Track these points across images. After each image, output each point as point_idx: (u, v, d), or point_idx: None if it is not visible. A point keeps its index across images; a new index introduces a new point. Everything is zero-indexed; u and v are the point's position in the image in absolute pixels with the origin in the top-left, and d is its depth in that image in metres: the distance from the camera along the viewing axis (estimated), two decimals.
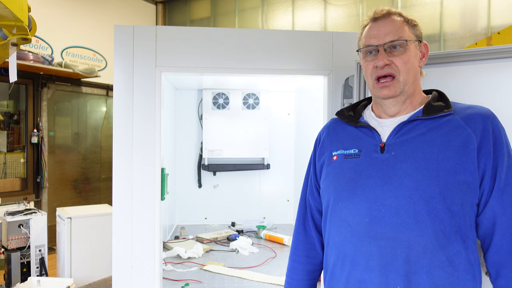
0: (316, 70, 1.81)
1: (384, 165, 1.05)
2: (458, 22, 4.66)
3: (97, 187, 6.05)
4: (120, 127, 1.72)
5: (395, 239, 1.00)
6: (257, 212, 3.06)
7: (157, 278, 1.72)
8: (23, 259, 3.34)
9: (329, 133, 1.24)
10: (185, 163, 3.05)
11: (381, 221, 1.02)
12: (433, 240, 0.98)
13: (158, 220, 1.72)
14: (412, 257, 0.98)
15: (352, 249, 1.06)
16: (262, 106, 2.99)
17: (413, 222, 0.99)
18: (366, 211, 1.04)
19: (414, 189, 1.00)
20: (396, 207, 1.01)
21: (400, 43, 1.07)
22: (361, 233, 1.04)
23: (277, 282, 1.91)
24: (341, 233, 1.09)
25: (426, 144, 1.04)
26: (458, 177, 0.99)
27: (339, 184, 1.12)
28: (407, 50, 1.08)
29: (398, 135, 1.08)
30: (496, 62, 1.29)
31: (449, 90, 1.22)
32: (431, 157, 1.02)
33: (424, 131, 1.06)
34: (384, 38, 1.08)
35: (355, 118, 1.19)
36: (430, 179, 1.00)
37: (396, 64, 1.07)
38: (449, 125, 1.05)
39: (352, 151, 1.13)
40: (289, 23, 5.85)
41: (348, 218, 1.07)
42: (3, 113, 5.01)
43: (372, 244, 1.02)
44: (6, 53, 1.58)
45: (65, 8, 5.54)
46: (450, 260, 0.98)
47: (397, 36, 1.07)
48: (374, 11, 1.12)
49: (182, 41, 1.76)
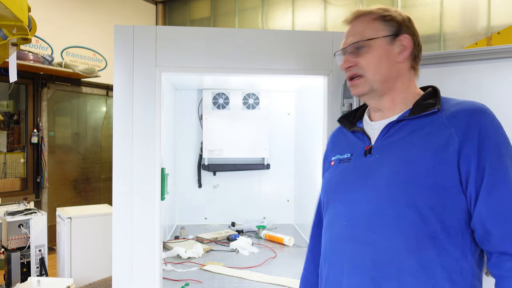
0: (316, 70, 1.81)
1: (366, 169, 1.06)
2: (458, 22, 4.66)
3: (97, 187, 6.05)
4: (120, 127, 1.72)
5: (364, 242, 1.00)
6: (257, 212, 3.06)
7: (157, 278, 1.72)
8: (23, 259, 3.34)
9: (333, 141, 1.27)
10: (185, 163, 3.05)
11: (355, 224, 1.02)
12: (401, 245, 0.94)
13: (158, 220, 1.72)
14: (380, 261, 0.96)
15: (330, 251, 1.09)
16: (262, 106, 2.99)
17: (382, 226, 0.97)
18: (345, 214, 1.05)
19: (383, 192, 0.99)
20: (367, 210, 1.01)
21: (363, 43, 1.07)
22: (339, 236, 1.06)
23: (277, 282, 1.91)
24: (326, 235, 1.13)
25: (406, 145, 1.01)
26: (430, 180, 0.94)
27: (329, 188, 1.15)
28: (372, 49, 1.06)
29: (385, 137, 1.06)
30: (496, 62, 1.29)
31: (449, 90, 1.22)
32: (406, 160, 0.98)
33: (407, 132, 1.02)
34: (346, 42, 1.11)
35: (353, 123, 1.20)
36: (399, 182, 0.97)
37: (360, 64, 1.08)
38: (432, 124, 0.99)
39: (345, 156, 1.14)
40: (289, 23, 5.85)
41: (332, 221, 1.10)
42: (3, 113, 5.01)
43: (345, 247, 1.04)
44: (6, 53, 1.58)
45: (65, 8, 5.54)
46: (423, 267, 0.93)
47: (359, 37, 1.08)
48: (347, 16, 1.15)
49: (182, 41, 1.75)
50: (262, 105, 2.99)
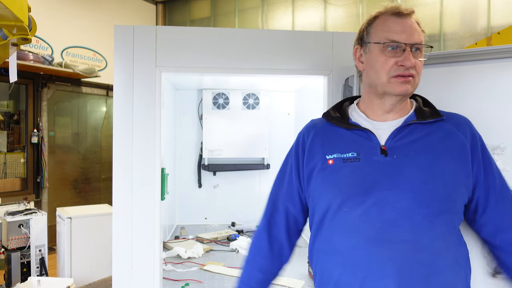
0: (316, 70, 1.81)
1: (389, 168, 1.03)
2: (458, 22, 4.66)
3: (97, 187, 6.05)
4: (120, 127, 1.72)
5: (410, 242, 0.98)
6: (257, 212, 3.04)
7: (157, 278, 1.72)
8: (23, 259, 3.34)
9: (317, 135, 1.17)
10: (185, 163, 3.05)
11: (394, 224, 0.98)
12: (443, 241, 1.00)
13: (158, 220, 1.72)
14: (428, 259, 0.98)
15: (363, 256, 1.00)
16: (262, 106, 2.99)
17: (426, 224, 0.98)
18: (377, 215, 1.00)
19: (424, 192, 1.00)
20: (408, 210, 0.99)
21: (422, 48, 1.07)
22: (373, 238, 0.99)
23: (277, 282, 1.91)
24: (350, 240, 1.02)
25: (426, 148, 1.05)
26: (459, 179, 1.03)
27: (342, 189, 1.06)
28: (422, 55, 1.08)
29: (397, 139, 1.07)
30: (496, 62, 1.29)
31: (449, 90, 1.22)
32: (434, 160, 1.03)
33: (421, 135, 1.07)
34: (411, 38, 1.04)
35: (343, 119, 1.15)
36: (437, 181, 1.01)
37: (416, 67, 1.06)
38: (443, 130, 1.08)
39: (351, 155, 1.08)
40: (289, 23, 5.85)
41: (358, 224, 1.01)
42: (3, 113, 5.01)
43: (387, 249, 0.98)
44: (6, 53, 1.58)
45: (65, 8, 5.54)
46: (456, 260, 1.02)
47: (421, 39, 1.06)
48: (396, 7, 1.08)
49: (182, 41, 1.75)
50: (262, 105, 2.99)
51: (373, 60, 1.08)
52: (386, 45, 1.05)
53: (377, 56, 1.07)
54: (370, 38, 1.09)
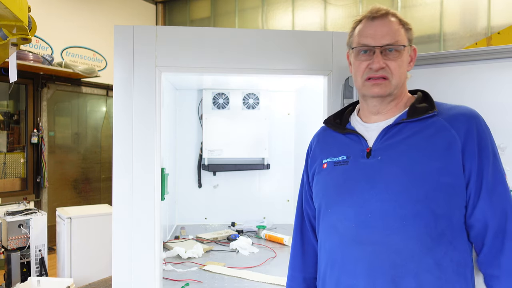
0: (316, 70, 1.81)
1: (370, 170, 1.05)
2: (458, 22, 4.66)
3: (97, 187, 6.05)
4: (120, 127, 1.72)
5: (381, 243, 0.99)
6: (257, 212, 3.06)
7: (157, 278, 1.72)
8: (23, 259, 3.34)
9: (319, 141, 1.25)
10: (185, 163, 3.05)
11: (368, 225, 1.01)
12: (419, 243, 0.97)
13: (158, 220, 1.72)
14: (399, 261, 0.98)
15: (340, 255, 1.06)
16: (262, 106, 2.99)
17: (399, 225, 0.98)
18: (353, 216, 1.04)
19: (399, 192, 1.00)
20: (381, 211, 1.00)
21: (397, 47, 1.06)
22: (349, 238, 1.04)
23: (277, 282, 1.91)
24: (331, 239, 1.10)
25: (411, 147, 1.04)
26: (442, 179, 0.99)
27: (328, 190, 1.13)
28: (401, 55, 1.07)
29: (384, 139, 1.08)
30: (496, 62, 1.29)
31: (449, 90, 1.22)
32: (416, 160, 1.01)
33: (409, 134, 1.06)
34: (381, 40, 1.06)
35: (342, 125, 1.20)
36: (415, 182, 0.99)
37: (390, 68, 1.06)
38: (433, 127, 1.05)
39: (341, 158, 1.12)
40: (289, 23, 5.85)
41: (336, 224, 1.08)
42: (3, 113, 5.01)
43: (359, 249, 1.02)
44: (6, 53, 1.58)
45: (65, 8, 5.54)
46: (437, 263, 0.98)
47: (394, 39, 1.06)
48: (371, 10, 1.10)
49: (182, 41, 1.75)
50: (262, 105, 2.99)
51: (352, 65, 1.15)
52: (358, 50, 1.10)
53: (354, 61, 1.13)
54: (351, 43, 1.14)
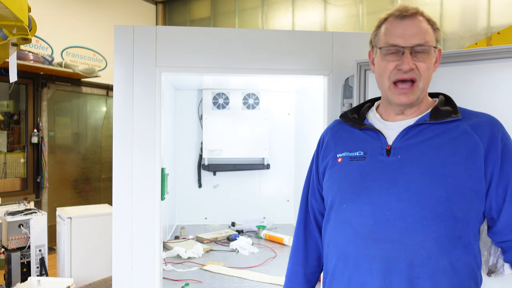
0: (316, 70, 1.81)
1: (390, 168, 1.04)
2: (458, 22, 4.65)
3: (97, 187, 6.05)
4: (120, 127, 1.72)
5: (399, 242, 0.98)
6: (257, 212, 3.06)
7: (157, 278, 1.72)
8: (23, 259, 3.34)
9: (333, 135, 1.22)
10: (185, 163, 3.05)
11: (386, 224, 1.00)
12: (437, 245, 0.97)
13: (158, 220, 1.72)
14: (416, 261, 0.97)
15: (354, 251, 1.04)
16: (262, 106, 2.99)
17: (419, 226, 0.98)
18: (371, 214, 1.02)
19: (421, 194, 0.99)
20: (401, 211, 0.99)
21: (426, 48, 1.03)
22: (365, 235, 1.02)
23: (277, 282, 1.91)
24: (344, 234, 1.07)
25: (433, 149, 1.03)
26: (465, 184, 0.99)
27: (343, 185, 1.10)
28: (430, 56, 1.05)
29: (405, 139, 1.06)
30: (496, 62, 1.29)
31: (449, 90, 1.22)
32: (438, 162, 1.01)
33: (431, 135, 1.04)
34: (411, 40, 1.03)
35: (359, 120, 1.17)
36: (437, 184, 0.99)
37: (419, 69, 1.04)
38: (456, 131, 1.04)
39: (358, 154, 1.11)
40: (289, 23, 5.85)
41: (352, 220, 1.05)
42: (3, 113, 5.01)
43: (375, 247, 1.01)
44: (6, 53, 1.58)
45: (65, 8, 5.54)
46: (452, 266, 0.98)
47: (424, 40, 1.03)
48: (399, 8, 1.07)
49: (182, 41, 1.75)
50: (262, 105, 2.99)
51: (378, 65, 1.11)
52: (386, 50, 1.06)
53: (380, 61, 1.09)
54: (377, 42, 1.11)
